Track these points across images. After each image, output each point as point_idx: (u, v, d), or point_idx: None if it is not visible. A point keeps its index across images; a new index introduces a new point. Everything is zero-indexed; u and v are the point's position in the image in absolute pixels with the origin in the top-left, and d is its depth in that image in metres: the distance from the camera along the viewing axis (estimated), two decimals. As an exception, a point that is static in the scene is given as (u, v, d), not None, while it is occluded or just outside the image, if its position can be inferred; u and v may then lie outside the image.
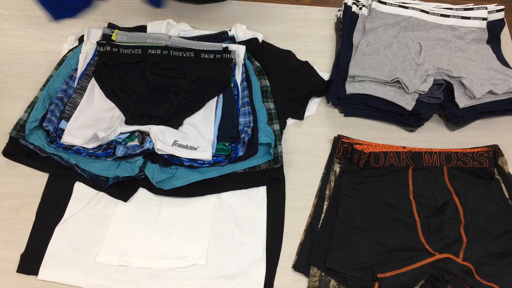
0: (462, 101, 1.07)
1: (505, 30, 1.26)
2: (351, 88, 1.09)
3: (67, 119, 1.00)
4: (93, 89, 1.06)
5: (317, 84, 1.12)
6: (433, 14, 1.18)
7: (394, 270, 0.86)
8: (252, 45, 1.18)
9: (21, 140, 0.98)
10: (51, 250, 0.89)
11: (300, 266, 0.90)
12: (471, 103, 1.07)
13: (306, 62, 1.17)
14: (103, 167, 0.96)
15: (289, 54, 1.19)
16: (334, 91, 1.12)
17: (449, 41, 1.15)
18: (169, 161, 0.96)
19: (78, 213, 0.93)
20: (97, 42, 1.10)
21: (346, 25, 1.22)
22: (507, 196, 0.97)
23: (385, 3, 1.19)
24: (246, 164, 0.99)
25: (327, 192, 0.99)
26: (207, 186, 0.97)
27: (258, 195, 0.98)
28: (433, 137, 1.11)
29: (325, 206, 0.97)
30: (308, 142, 1.08)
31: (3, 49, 1.19)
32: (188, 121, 1.04)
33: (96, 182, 0.95)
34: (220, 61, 1.10)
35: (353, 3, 1.24)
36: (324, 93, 1.15)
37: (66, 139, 0.96)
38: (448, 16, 1.18)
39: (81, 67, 1.09)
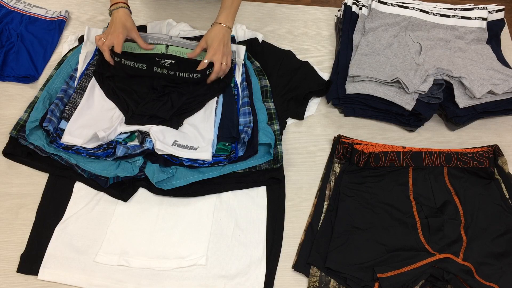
0: (462, 101, 1.07)
1: (505, 30, 1.26)
2: (351, 88, 1.09)
3: (67, 119, 1.00)
4: (93, 89, 1.06)
5: (317, 84, 1.12)
6: (433, 14, 1.18)
7: (394, 270, 0.86)
8: (252, 45, 1.18)
9: (21, 140, 0.98)
10: (51, 250, 0.89)
11: (300, 266, 0.90)
12: (471, 103, 1.07)
13: (306, 62, 1.17)
14: (103, 167, 0.95)
15: (289, 54, 1.19)
16: (334, 91, 1.12)
17: (449, 41, 1.15)
18: (169, 161, 0.96)
19: (78, 213, 0.93)
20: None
21: (346, 25, 1.22)
22: (507, 196, 0.97)
23: (385, 3, 1.19)
24: (246, 164, 0.98)
25: (327, 192, 0.99)
26: (207, 186, 0.97)
27: (258, 195, 0.98)
28: (433, 137, 1.11)
29: (325, 206, 0.97)
30: (308, 142, 1.08)
31: (3, 49, 1.19)
32: (188, 121, 1.04)
33: (96, 182, 0.95)
34: None
35: (353, 3, 1.24)
36: (324, 93, 1.15)
37: (66, 139, 0.96)
38: (448, 16, 1.18)
39: (81, 67, 1.09)
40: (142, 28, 1.20)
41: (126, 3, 1.07)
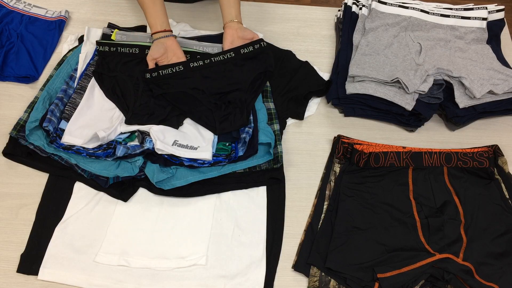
0: (462, 101, 1.07)
1: (505, 30, 1.26)
2: (351, 88, 1.09)
3: (67, 119, 1.00)
4: (93, 89, 1.06)
5: (317, 84, 1.12)
6: (433, 14, 1.18)
7: (394, 270, 0.86)
8: (252, 45, 1.18)
9: (21, 140, 0.98)
10: (51, 250, 0.89)
11: (300, 266, 0.90)
12: (471, 103, 1.07)
13: (306, 62, 1.17)
14: (103, 167, 0.95)
15: (289, 54, 1.19)
16: (334, 91, 1.12)
17: (449, 41, 1.15)
18: (169, 161, 0.96)
19: (78, 213, 0.93)
20: (96, 41, 1.10)
21: (346, 25, 1.22)
22: (507, 196, 0.97)
23: (385, 3, 1.19)
24: (246, 164, 0.99)
25: (327, 192, 0.99)
26: (207, 186, 0.97)
27: (258, 195, 0.98)
28: (433, 137, 1.11)
29: (325, 206, 0.97)
30: (308, 142, 1.08)
31: (3, 49, 1.19)
32: (188, 121, 1.04)
33: (96, 182, 0.95)
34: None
35: (353, 3, 1.24)
36: (324, 93, 1.15)
37: (66, 139, 0.96)
38: (448, 16, 1.18)
39: (81, 67, 1.09)
40: (142, 28, 1.21)
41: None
